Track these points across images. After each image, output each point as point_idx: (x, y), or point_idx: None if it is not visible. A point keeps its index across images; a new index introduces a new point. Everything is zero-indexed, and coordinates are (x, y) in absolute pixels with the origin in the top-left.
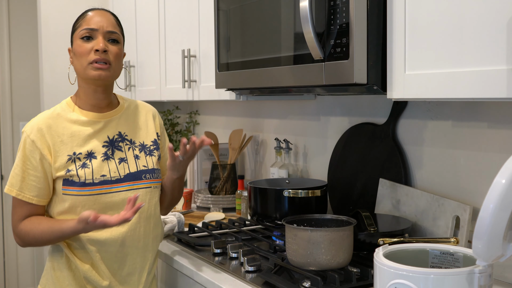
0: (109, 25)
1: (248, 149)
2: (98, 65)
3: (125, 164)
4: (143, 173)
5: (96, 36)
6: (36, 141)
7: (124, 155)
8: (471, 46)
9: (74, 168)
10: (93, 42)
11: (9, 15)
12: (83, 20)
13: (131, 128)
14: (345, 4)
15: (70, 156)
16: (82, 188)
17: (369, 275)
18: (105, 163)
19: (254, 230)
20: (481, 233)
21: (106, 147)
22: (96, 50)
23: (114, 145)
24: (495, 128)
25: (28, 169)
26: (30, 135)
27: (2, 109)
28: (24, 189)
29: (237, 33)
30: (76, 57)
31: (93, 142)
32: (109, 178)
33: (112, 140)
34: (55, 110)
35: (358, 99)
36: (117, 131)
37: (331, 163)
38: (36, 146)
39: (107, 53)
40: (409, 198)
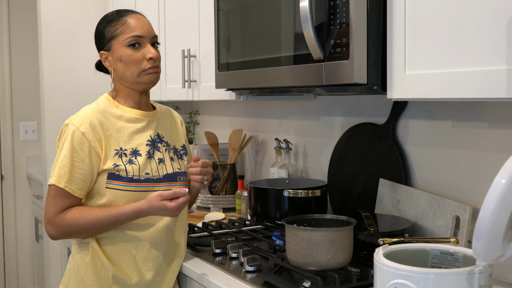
0: (151, 30)
1: (248, 149)
2: (151, 70)
3: (163, 164)
4: (178, 175)
5: (143, 43)
6: (87, 133)
7: (162, 156)
8: (471, 46)
9: (121, 163)
10: (142, 49)
11: (9, 15)
12: (125, 26)
13: (166, 131)
14: (345, 4)
15: (118, 151)
16: (129, 184)
17: (369, 275)
18: (148, 162)
19: (254, 230)
20: (481, 233)
21: (149, 146)
22: (150, 59)
23: (154, 145)
24: (495, 128)
25: (75, 161)
26: (80, 127)
27: (2, 109)
28: (71, 181)
29: (237, 33)
30: (123, 64)
31: (137, 139)
32: (152, 177)
33: (153, 140)
34: (99, 105)
35: (358, 99)
36: (156, 132)
37: (331, 163)
38: (86, 138)
39: (156, 59)
40: (409, 198)
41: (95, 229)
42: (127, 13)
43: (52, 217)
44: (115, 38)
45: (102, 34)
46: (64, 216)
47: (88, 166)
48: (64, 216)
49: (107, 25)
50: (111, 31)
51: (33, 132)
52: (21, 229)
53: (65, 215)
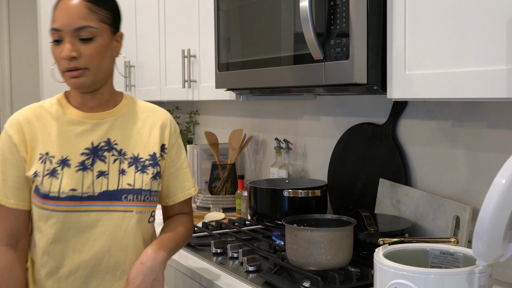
0: (76, 20)
1: (248, 149)
2: (70, 73)
3: (104, 179)
4: (124, 193)
5: (64, 38)
6: (13, 136)
7: (106, 168)
8: (471, 46)
9: (41, 172)
10: (61, 46)
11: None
12: (53, 15)
13: (126, 136)
14: (345, 4)
15: (42, 155)
16: (44, 201)
17: (369, 275)
18: (80, 175)
19: (254, 230)
20: (481, 233)
21: (86, 155)
22: (62, 58)
23: (96, 154)
24: (495, 128)
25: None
26: (8, 130)
27: (2, 109)
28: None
29: (237, 33)
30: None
31: (72, 146)
32: (80, 194)
33: (96, 148)
34: (44, 101)
35: (358, 99)
36: (105, 137)
37: (331, 163)
38: (13, 142)
39: (77, 59)
40: (409, 198)
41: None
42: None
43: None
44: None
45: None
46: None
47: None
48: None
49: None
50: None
51: None
52: None
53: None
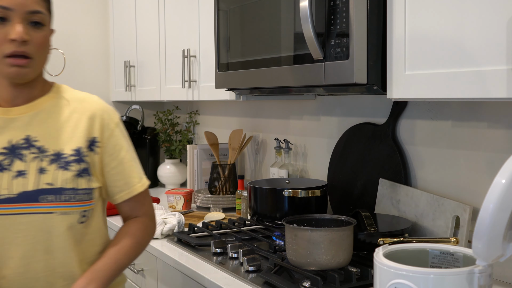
0: (30, 2)
1: (248, 149)
2: (14, 60)
3: (24, 179)
4: (41, 194)
5: (12, 19)
6: None
7: (25, 167)
8: (471, 46)
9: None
10: (7, 26)
11: None
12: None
13: (48, 131)
14: (345, 4)
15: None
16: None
17: (369, 275)
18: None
19: (254, 230)
20: (481, 233)
21: (3, 155)
22: (13, 40)
23: (14, 153)
24: (495, 128)
25: None
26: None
27: None
28: None
29: (237, 33)
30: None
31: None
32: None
33: (14, 146)
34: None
35: (358, 99)
36: (24, 134)
37: (331, 163)
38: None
39: (27, 44)
40: (409, 198)
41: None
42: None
43: None
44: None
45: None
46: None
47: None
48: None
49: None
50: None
51: None
52: None
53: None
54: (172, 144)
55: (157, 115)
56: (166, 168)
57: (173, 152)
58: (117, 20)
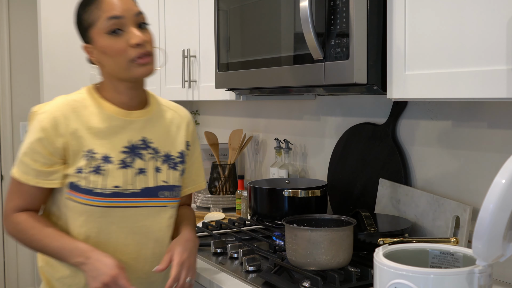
0: (133, 6)
1: (248, 149)
2: (142, 60)
3: (144, 176)
4: (160, 190)
5: (125, 26)
6: (48, 129)
7: (144, 166)
8: (471, 46)
9: (86, 169)
10: (125, 35)
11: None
12: (100, 9)
13: (158, 135)
14: (345, 4)
15: (86, 153)
16: (88, 197)
17: (369, 275)
18: (121, 172)
19: (254, 230)
20: (481, 233)
21: (126, 154)
22: (137, 45)
23: (134, 152)
24: (495, 128)
25: (36, 157)
26: (42, 121)
27: (2, 109)
28: (29, 174)
29: (237, 33)
30: (106, 56)
31: (112, 143)
32: (123, 190)
33: (134, 146)
34: (76, 96)
35: (358, 99)
36: (140, 135)
37: (331, 163)
38: (46, 134)
39: (146, 43)
40: (409, 198)
41: (38, 248)
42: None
43: (9, 213)
44: (92, 26)
45: (80, 23)
46: (17, 217)
47: (49, 164)
48: (18, 218)
49: (82, 12)
50: (87, 18)
51: None
52: None
53: (19, 217)
54: None
55: None
56: None
57: None
58: None
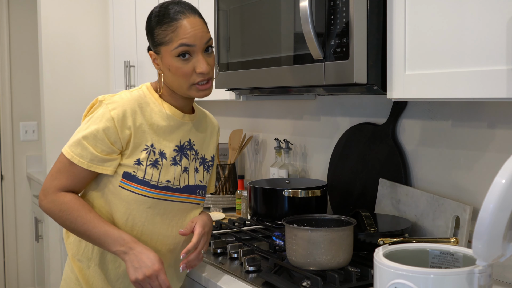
0: (204, 34)
1: (248, 149)
2: (202, 86)
3: (187, 174)
4: (198, 188)
5: (195, 53)
6: (117, 120)
7: (188, 165)
8: (471, 46)
9: (145, 162)
10: (192, 60)
11: (9, 16)
12: (175, 33)
13: (199, 138)
14: (345, 4)
15: (148, 147)
16: (144, 188)
17: (369, 275)
18: (172, 168)
19: (254, 230)
20: (481, 233)
21: (176, 152)
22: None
23: (182, 151)
24: (495, 128)
25: (98, 144)
26: (111, 111)
27: (2, 109)
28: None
29: (237, 33)
30: (170, 73)
31: (167, 141)
32: (172, 185)
33: (182, 146)
34: (139, 93)
35: (358, 99)
36: (188, 137)
37: (331, 163)
38: (115, 125)
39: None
40: (409, 198)
41: (80, 231)
42: (180, 15)
43: (51, 190)
44: (164, 45)
45: (152, 33)
46: (62, 197)
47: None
48: (62, 197)
49: (157, 25)
50: (161, 35)
51: (33, 132)
52: (21, 229)
53: (64, 197)
54: None
55: None
56: None
57: None
58: (117, 20)
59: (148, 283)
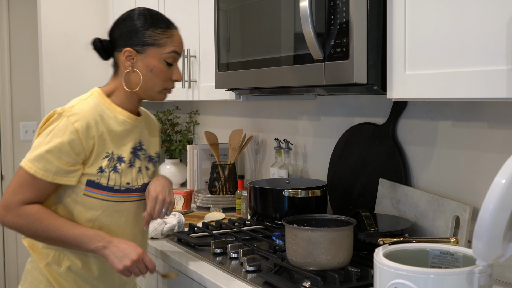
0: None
1: (248, 149)
2: (169, 91)
3: (141, 174)
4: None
5: (175, 62)
6: (81, 131)
7: (141, 165)
8: (471, 46)
9: (107, 169)
10: (172, 68)
11: (9, 16)
12: (170, 39)
13: (146, 138)
14: (345, 4)
15: (108, 154)
16: (109, 193)
17: (369, 275)
18: (130, 170)
19: (254, 230)
20: (481, 233)
21: (132, 154)
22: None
23: (135, 153)
24: (495, 128)
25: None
26: (75, 123)
27: (2, 109)
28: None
29: (237, 33)
30: (151, 74)
31: (124, 145)
32: (131, 186)
33: (135, 148)
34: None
35: (358, 99)
36: (138, 138)
37: (331, 163)
38: (79, 136)
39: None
40: (409, 198)
41: (53, 237)
42: (173, 25)
43: (14, 205)
44: (155, 46)
45: (141, 32)
46: (28, 209)
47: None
48: (28, 209)
49: (151, 26)
50: (154, 37)
51: (33, 132)
52: None
53: (30, 209)
54: (172, 144)
55: (157, 115)
56: (166, 168)
57: (173, 152)
58: None
59: (136, 267)
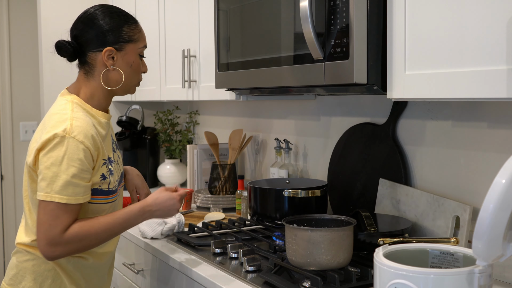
0: None
1: (248, 149)
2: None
3: (118, 165)
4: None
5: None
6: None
7: (117, 158)
8: (471, 46)
9: (107, 174)
10: (142, 61)
11: (9, 15)
12: (140, 34)
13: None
14: (345, 4)
15: (105, 160)
16: (109, 196)
17: (369, 275)
18: (116, 167)
19: (254, 230)
20: (481, 233)
21: (113, 151)
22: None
23: (113, 148)
24: (495, 128)
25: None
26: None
27: (2, 109)
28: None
29: (237, 33)
30: (131, 70)
31: (108, 146)
32: (119, 181)
33: (113, 142)
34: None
35: (358, 99)
36: (110, 134)
37: (331, 163)
38: (91, 152)
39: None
40: (409, 198)
41: (106, 236)
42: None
43: (58, 237)
44: (132, 42)
45: (117, 30)
46: (72, 232)
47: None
48: (72, 232)
49: (125, 24)
50: (130, 33)
51: (33, 132)
52: None
53: (74, 230)
54: (172, 144)
55: (157, 115)
56: (166, 168)
57: (173, 152)
58: None
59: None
